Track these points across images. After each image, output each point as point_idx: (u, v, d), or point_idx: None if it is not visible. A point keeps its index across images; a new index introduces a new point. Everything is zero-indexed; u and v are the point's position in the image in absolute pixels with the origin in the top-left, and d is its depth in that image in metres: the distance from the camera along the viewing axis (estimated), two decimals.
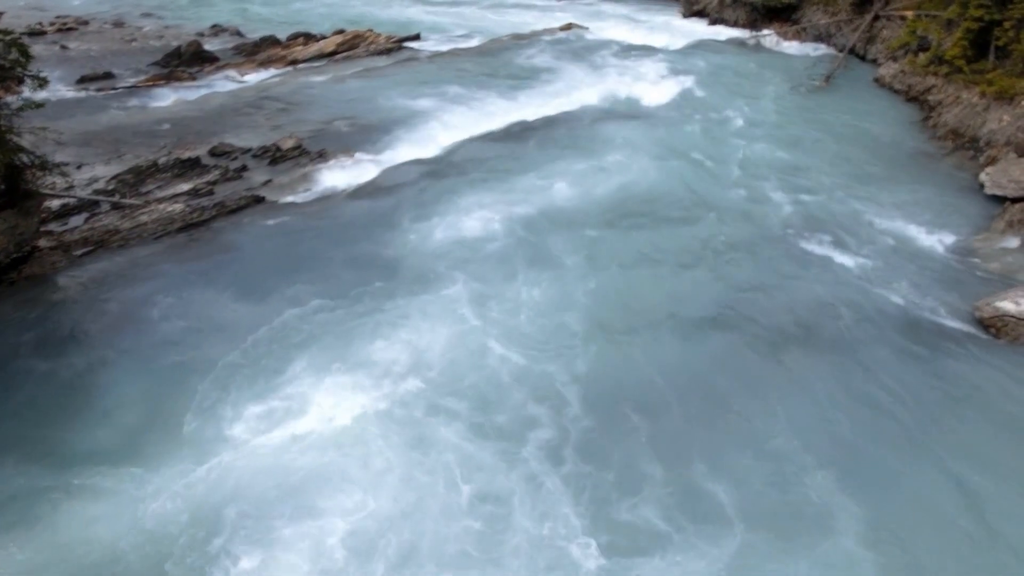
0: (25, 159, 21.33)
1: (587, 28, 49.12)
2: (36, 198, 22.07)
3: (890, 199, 27.35)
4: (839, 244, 24.35)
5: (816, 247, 24.14)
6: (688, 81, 39.33)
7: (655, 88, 38.39)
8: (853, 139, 32.89)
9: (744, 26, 51.07)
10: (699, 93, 38.01)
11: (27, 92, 22.48)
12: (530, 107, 35.54)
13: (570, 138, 32.03)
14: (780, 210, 26.51)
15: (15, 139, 21.05)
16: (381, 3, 60.43)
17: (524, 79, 39.75)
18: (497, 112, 34.69)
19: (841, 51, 44.01)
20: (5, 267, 21.12)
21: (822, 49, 46.19)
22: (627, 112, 35.42)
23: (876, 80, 39.87)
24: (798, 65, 42.84)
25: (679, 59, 42.94)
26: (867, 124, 34.57)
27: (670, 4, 57.66)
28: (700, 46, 46.18)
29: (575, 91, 38.04)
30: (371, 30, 47.73)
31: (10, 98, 21.86)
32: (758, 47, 47.16)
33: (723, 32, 50.66)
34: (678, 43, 46.96)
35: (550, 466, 15.65)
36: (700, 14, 54.86)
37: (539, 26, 50.40)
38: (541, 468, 15.59)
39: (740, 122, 34.37)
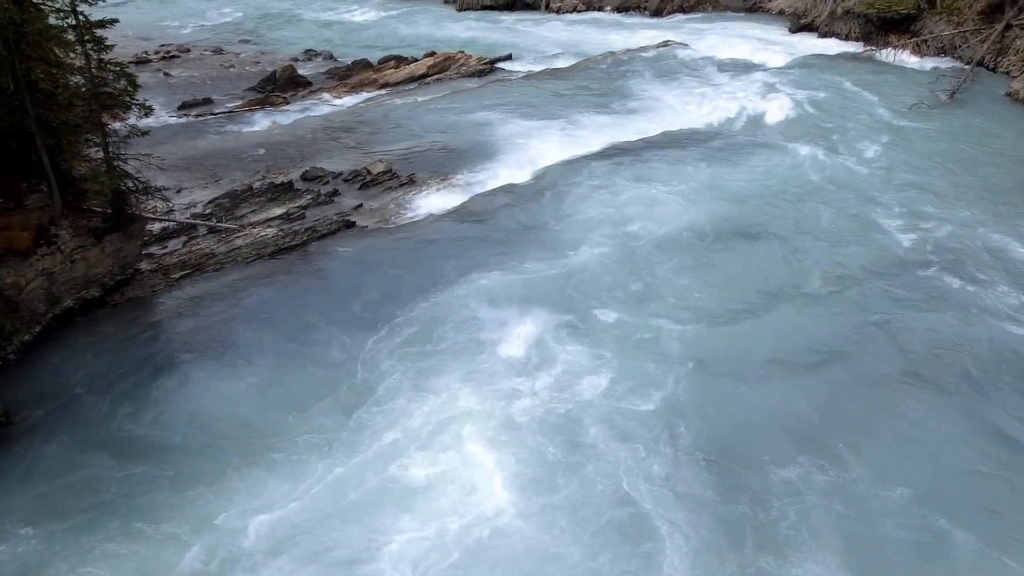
0: (130, 184, 23.20)
1: (686, 45, 49.40)
2: (139, 222, 23.93)
3: None
4: (968, 276, 23.68)
5: (942, 279, 23.55)
6: (797, 98, 38.99)
7: (761, 106, 38.36)
8: (982, 160, 32.05)
9: (857, 39, 50.46)
10: (809, 111, 37.75)
11: (133, 119, 24.35)
12: (627, 128, 36.08)
13: (669, 159, 32.30)
14: (900, 238, 26.04)
15: (122, 165, 22.98)
16: (473, 25, 62.27)
17: (620, 99, 40.37)
18: (592, 134, 35.38)
19: (967, 64, 43.00)
20: (109, 289, 22.97)
21: (946, 62, 45.16)
22: (730, 131, 35.59)
23: (1008, 95, 38.83)
24: (919, 80, 41.96)
25: (786, 76, 42.73)
26: (998, 143, 33.64)
27: (775, 18, 57.46)
28: (809, 62, 45.82)
29: (674, 110, 38.42)
30: (462, 52, 49.35)
31: (118, 125, 23.78)
32: (873, 62, 46.47)
33: (834, 46, 50.15)
34: (785, 59, 46.75)
35: (646, 512, 15.98)
36: (808, 28, 54.46)
37: (635, 44, 50.99)
38: (633, 517, 15.89)
39: (855, 142, 33.94)
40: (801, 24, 54.93)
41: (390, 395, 19.07)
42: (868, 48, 48.31)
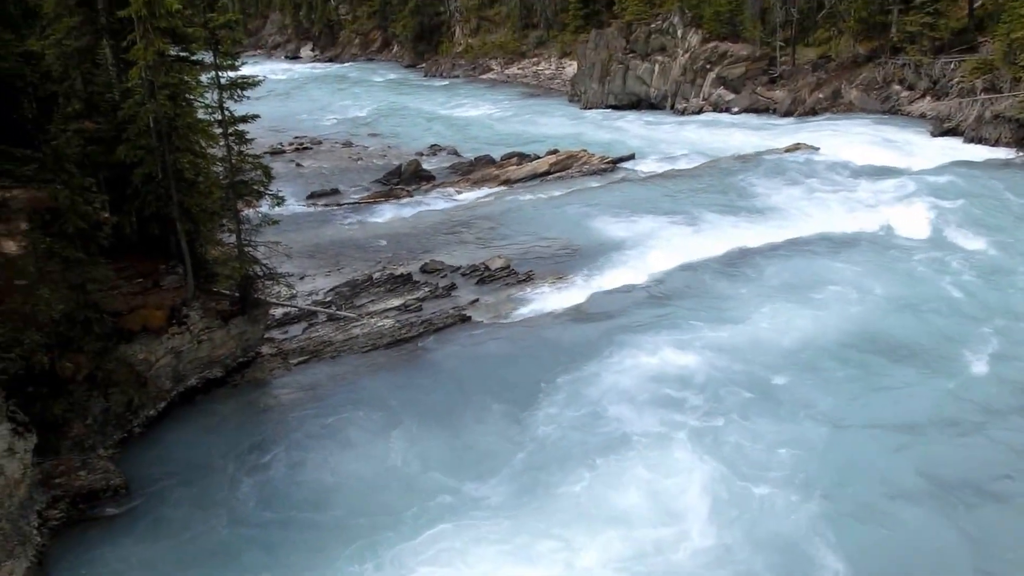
0: (258, 270, 24.72)
1: (817, 148, 49.16)
2: (263, 307, 25.34)
3: None
4: None
5: None
6: (940, 208, 37.48)
7: (899, 215, 37.20)
8: None
9: (1009, 144, 48.85)
10: (953, 221, 36.14)
11: (265, 208, 26.06)
12: (753, 232, 35.85)
13: (796, 267, 31.89)
14: None
15: (252, 252, 24.59)
16: (596, 124, 63.95)
17: (746, 202, 40.34)
18: (715, 237, 35.34)
19: None
20: (231, 370, 24.29)
21: None
22: (864, 240, 34.70)
23: None
24: None
25: (928, 183, 41.34)
26: None
27: (915, 122, 56.53)
28: (954, 168, 44.20)
29: (803, 216, 38.00)
30: (585, 150, 50.67)
31: (251, 213, 25.52)
32: None
33: (982, 152, 48.62)
34: (926, 164, 45.47)
35: None
36: (952, 132, 53.27)
37: (763, 146, 51.14)
38: None
39: (1008, 257, 32.24)
40: (944, 128, 53.86)
41: (509, 491, 19.28)
42: (1022, 154, 46.93)
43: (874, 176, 43.39)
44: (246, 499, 19.49)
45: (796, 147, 49.72)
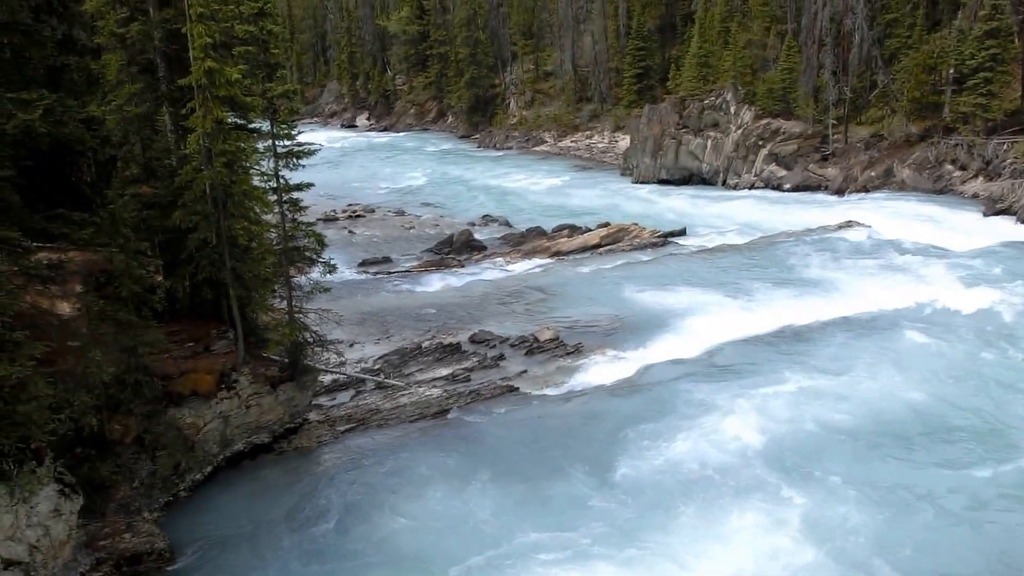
0: (308, 337, 24.59)
1: (869, 226, 48.36)
2: (312, 373, 25.14)
3: None
4: None
5: None
6: (993, 288, 36.51)
7: (951, 294, 36.35)
8: None
9: None
10: (1007, 301, 35.21)
11: (317, 275, 26.06)
12: (803, 308, 35.14)
13: (847, 344, 31.10)
14: None
15: (302, 318, 24.50)
16: (648, 197, 63.83)
17: (797, 278, 39.65)
18: (765, 313, 34.67)
19: None
20: (278, 436, 24.02)
21: None
22: (916, 319, 33.80)
23: None
24: None
25: (981, 263, 40.56)
26: None
27: (967, 202, 55.42)
28: (1007, 249, 43.28)
29: (854, 293, 37.17)
30: (636, 224, 50.39)
31: (302, 279, 25.52)
32: None
33: None
34: (979, 244, 44.51)
35: None
36: (1005, 212, 52.08)
37: (814, 222, 50.41)
38: None
39: None
40: (997, 208, 52.66)
41: (559, 558, 18.73)
42: None
43: (926, 255, 42.47)
44: (291, 566, 19.16)
45: (848, 224, 48.97)
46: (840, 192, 61.03)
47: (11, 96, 16.78)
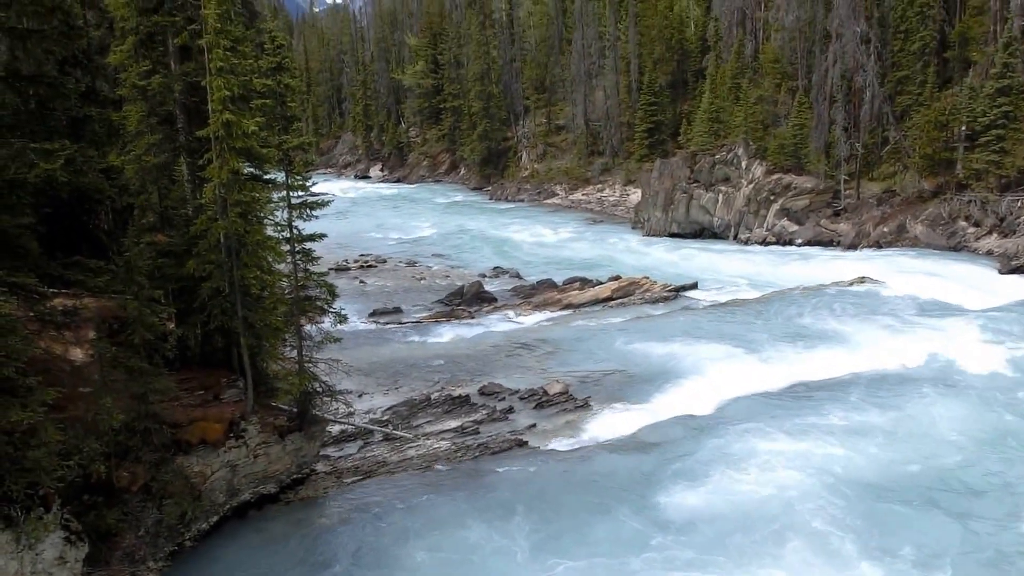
0: (318, 387, 24.74)
1: (882, 282, 48.49)
2: (321, 424, 25.24)
3: None
4: None
5: None
6: (1010, 346, 36.48)
7: (967, 352, 36.14)
8: None
9: None
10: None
11: (328, 325, 26.29)
12: (816, 364, 35.10)
13: (862, 401, 30.94)
14: None
15: (312, 368, 24.68)
16: (659, 251, 64.17)
17: (810, 334, 39.63)
18: (777, 368, 34.64)
19: None
20: (285, 486, 24.04)
21: None
22: (931, 377, 33.65)
23: None
24: None
25: (998, 321, 40.36)
26: None
27: (982, 258, 55.54)
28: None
29: (868, 349, 37.11)
30: (647, 277, 50.65)
31: (312, 328, 25.75)
32: None
33: None
34: (995, 302, 44.49)
35: None
36: (1021, 270, 52.19)
37: (827, 278, 50.58)
38: None
39: None
40: (1013, 266, 52.77)
41: None
42: None
43: (941, 312, 42.48)
44: None
45: (861, 280, 49.14)
46: (852, 247, 61.30)
47: (34, 146, 17.24)
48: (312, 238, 24.47)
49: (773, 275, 54.05)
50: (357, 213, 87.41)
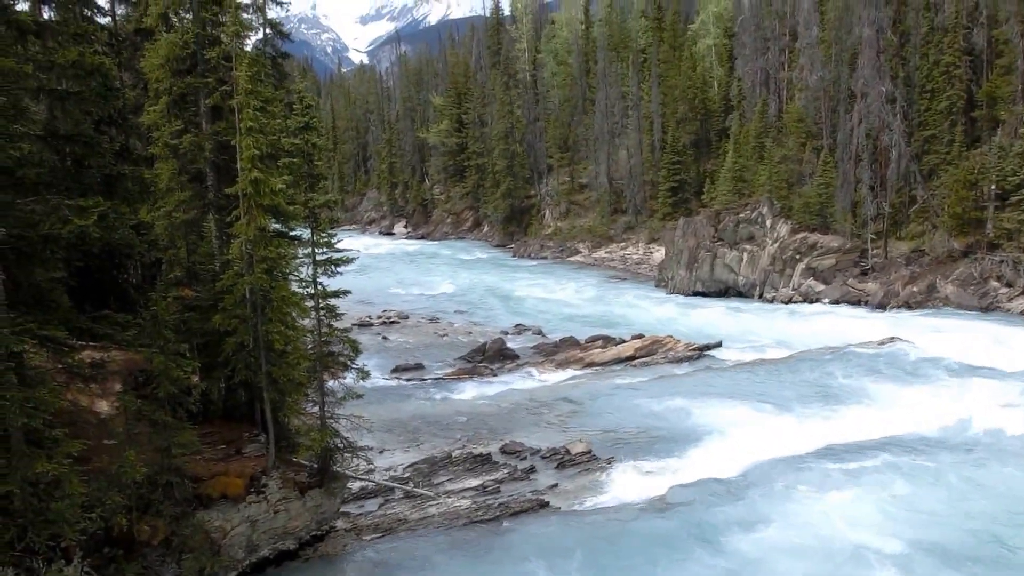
0: (339, 443, 24.93)
1: (911, 342, 48.13)
2: (341, 480, 25.36)
3: None
4: None
5: None
6: None
7: (1001, 417, 35.41)
8: None
9: None
10: None
11: (350, 380, 26.58)
12: (844, 427, 34.79)
13: (890, 464, 30.48)
14: None
15: (334, 424, 24.92)
16: (682, 310, 64.16)
17: (837, 395, 39.36)
18: (804, 430, 34.39)
19: None
20: (304, 543, 24.09)
21: None
22: (963, 442, 33.22)
23: None
24: None
25: None
26: None
27: (1015, 318, 55.08)
28: None
29: (898, 412, 36.70)
30: (671, 336, 50.62)
31: (335, 384, 26.04)
32: None
33: None
34: None
35: None
36: None
37: (855, 338, 50.27)
38: None
39: None
40: None
41: None
42: None
43: (973, 374, 42.04)
44: None
45: (891, 340, 48.79)
46: (881, 307, 61.07)
47: (69, 203, 17.85)
48: (336, 294, 24.92)
49: (800, 335, 53.73)
50: (381, 269, 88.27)
